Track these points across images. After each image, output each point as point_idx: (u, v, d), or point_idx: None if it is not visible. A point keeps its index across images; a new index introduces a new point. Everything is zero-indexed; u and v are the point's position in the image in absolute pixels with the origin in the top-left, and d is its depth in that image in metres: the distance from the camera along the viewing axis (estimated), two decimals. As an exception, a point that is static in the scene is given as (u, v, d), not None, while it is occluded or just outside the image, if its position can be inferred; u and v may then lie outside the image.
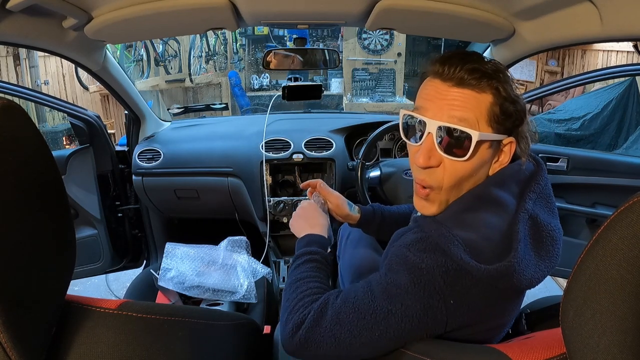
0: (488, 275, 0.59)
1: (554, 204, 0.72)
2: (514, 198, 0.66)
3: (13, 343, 0.40)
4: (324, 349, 0.66)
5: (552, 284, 2.24)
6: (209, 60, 5.52)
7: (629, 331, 0.38)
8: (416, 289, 0.61)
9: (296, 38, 1.30)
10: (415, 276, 0.61)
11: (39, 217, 0.44)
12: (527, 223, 0.63)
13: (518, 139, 0.67)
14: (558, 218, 0.71)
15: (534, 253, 0.63)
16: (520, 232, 0.61)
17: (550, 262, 0.65)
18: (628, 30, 0.73)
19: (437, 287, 0.60)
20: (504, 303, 0.66)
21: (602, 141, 3.89)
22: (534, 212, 0.65)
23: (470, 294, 0.60)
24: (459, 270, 0.60)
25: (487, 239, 0.61)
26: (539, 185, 0.69)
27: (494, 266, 0.58)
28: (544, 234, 0.65)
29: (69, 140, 3.88)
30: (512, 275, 0.58)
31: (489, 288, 0.60)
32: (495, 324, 0.67)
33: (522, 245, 0.60)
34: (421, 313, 0.61)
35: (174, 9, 0.92)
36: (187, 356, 0.58)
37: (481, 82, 0.62)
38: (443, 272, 0.60)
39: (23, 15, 0.83)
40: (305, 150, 1.58)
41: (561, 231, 0.69)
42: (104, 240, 1.72)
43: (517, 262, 0.59)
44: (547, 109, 4.47)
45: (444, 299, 0.60)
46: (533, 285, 0.62)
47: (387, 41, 5.35)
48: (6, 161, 0.40)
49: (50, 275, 0.46)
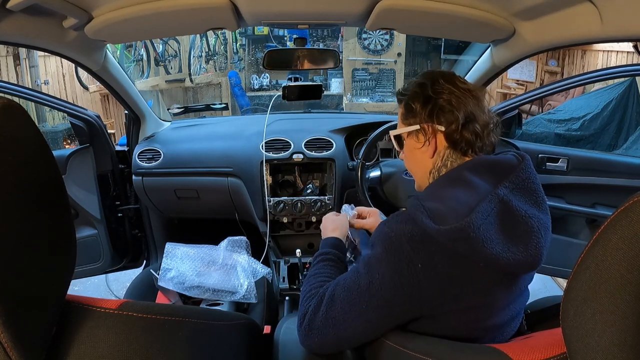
0: (445, 236, 0.65)
1: (541, 199, 0.75)
2: (488, 184, 0.72)
3: (13, 343, 0.40)
4: (325, 333, 0.74)
5: (552, 284, 2.23)
6: (209, 60, 5.52)
7: (629, 330, 0.38)
8: (388, 256, 0.69)
9: (296, 38, 1.30)
10: (387, 244, 0.70)
11: (39, 217, 0.44)
12: (494, 204, 0.69)
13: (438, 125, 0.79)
14: (545, 213, 0.74)
15: (501, 232, 0.67)
16: (482, 206, 0.67)
17: (526, 248, 0.67)
18: (628, 30, 0.73)
19: (405, 252, 0.67)
20: (478, 278, 0.67)
21: (602, 141, 3.89)
22: (507, 197, 0.70)
23: (436, 259, 0.66)
24: (423, 235, 0.67)
25: (452, 210, 0.68)
26: (519, 178, 0.75)
27: (448, 226, 0.64)
28: (515, 218, 0.69)
29: (69, 140, 3.88)
30: (468, 238, 0.63)
31: (451, 254, 0.65)
32: (476, 303, 0.69)
33: (482, 217, 0.65)
34: (396, 278, 0.68)
35: (174, 9, 0.92)
36: (187, 356, 0.58)
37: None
38: (409, 238, 0.67)
39: (23, 15, 0.83)
40: (305, 150, 1.58)
41: (545, 225, 0.71)
42: (104, 240, 1.72)
43: (471, 226, 0.64)
44: (547, 109, 4.46)
45: (412, 263, 0.67)
46: (501, 264, 0.65)
47: (387, 41, 5.35)
48: (6, 161, 0.40)
49: (50, 275, 0.46)
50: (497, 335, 0.74)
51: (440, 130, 0.79)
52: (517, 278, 0.72)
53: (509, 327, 0.77)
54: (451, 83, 0.80)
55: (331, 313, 0.74)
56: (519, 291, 0.74)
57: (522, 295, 0.77)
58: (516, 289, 0.72)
